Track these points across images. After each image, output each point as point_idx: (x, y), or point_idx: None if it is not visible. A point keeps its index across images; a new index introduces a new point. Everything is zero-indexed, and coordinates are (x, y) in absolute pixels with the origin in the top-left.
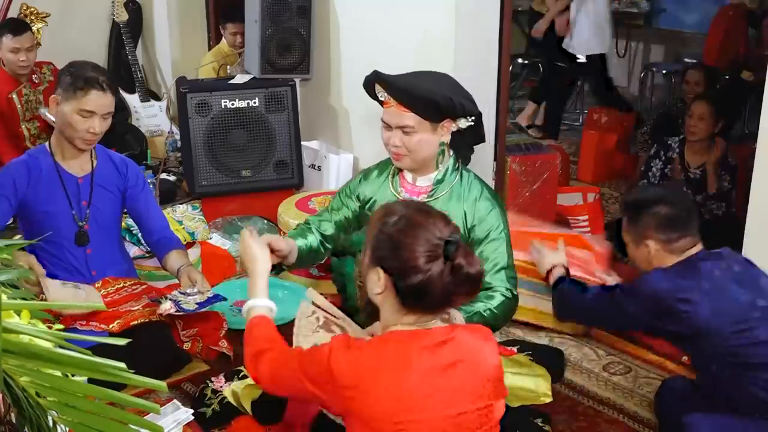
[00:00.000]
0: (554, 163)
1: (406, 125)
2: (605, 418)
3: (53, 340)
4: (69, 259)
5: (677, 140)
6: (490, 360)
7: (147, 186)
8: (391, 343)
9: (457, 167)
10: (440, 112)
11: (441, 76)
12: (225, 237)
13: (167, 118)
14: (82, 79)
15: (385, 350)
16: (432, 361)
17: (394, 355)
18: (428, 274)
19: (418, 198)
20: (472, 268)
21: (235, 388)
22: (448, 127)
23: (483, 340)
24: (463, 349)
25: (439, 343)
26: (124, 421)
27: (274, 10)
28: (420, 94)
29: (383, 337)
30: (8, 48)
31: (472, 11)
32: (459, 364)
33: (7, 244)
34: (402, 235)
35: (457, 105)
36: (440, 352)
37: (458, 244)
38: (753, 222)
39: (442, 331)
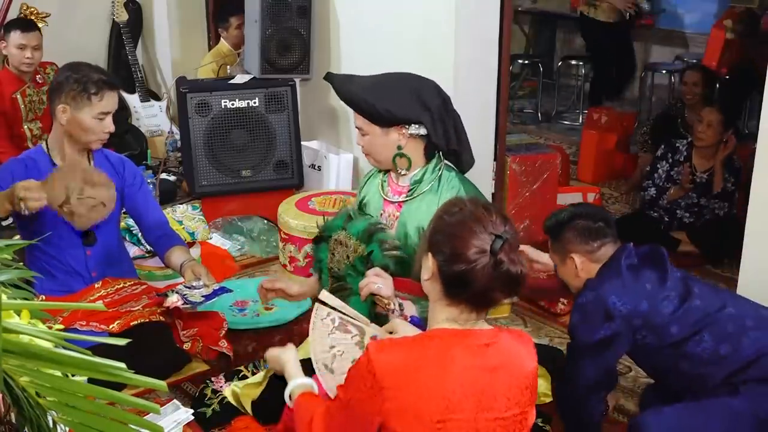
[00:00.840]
0: (554, 163)
1: (359, 126)
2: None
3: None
4: (68, 260)
5: (685, 143)
6: (528, 367)
7: (145, 184)
8: (436, 339)
9: (438, 167)
10: (374, 117)
11: (398, 78)
12: (225, 237)
13: (167, 118)
14: (93, 83)
15: (429, 347)
16: (475, 362)
17: (438, 352)
18: (472, 265)
19: (399, 197)
20: (514, 267)
21: (235, 388)
22: (402, 133)
23: (524, 345)
24: (506, 354)
25: (483, 345)
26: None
27: (274, 10)
28: (348, 98)
29: (428, 334)
30: (15, 44)
31: (472, 11)
32: (501, 369)
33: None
34: (458, 225)
35: (382, 112)
36: (484, 354)
37: (507, 241)
38: (753, 222)
39: (487, 333)
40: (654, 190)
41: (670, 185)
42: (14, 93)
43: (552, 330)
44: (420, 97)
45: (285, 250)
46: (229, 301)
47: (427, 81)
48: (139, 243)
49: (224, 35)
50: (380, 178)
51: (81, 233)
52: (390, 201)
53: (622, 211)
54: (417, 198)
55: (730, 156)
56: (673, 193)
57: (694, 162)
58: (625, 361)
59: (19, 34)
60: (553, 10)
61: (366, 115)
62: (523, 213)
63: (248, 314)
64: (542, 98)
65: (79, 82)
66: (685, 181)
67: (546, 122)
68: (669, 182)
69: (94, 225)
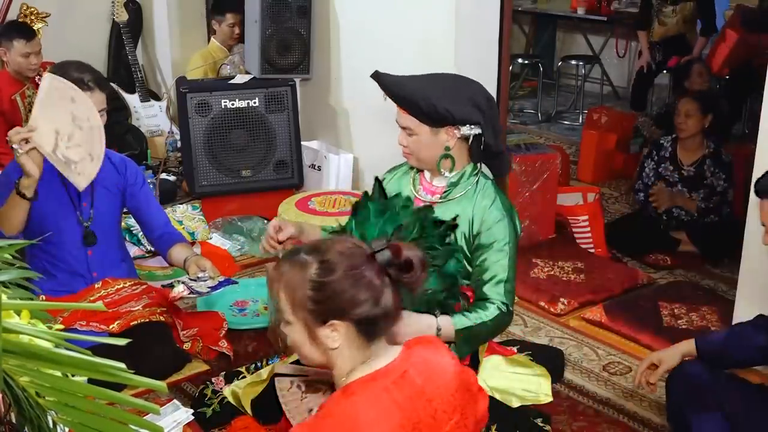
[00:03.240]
0: (554, 163)
1: (406, 126)
2: (605, 418)
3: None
4: (69, 260)
5: (669, 139)
6: (449, 371)
7: (146, 184)
8: (357, 394)
9: (476, 173)
10: (429, 117)
11: (452, 79)
12: (225, 237)
13: (167, 118)
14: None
15: (353, 407)
16: (403, 395)
17: (364, 408)
18: (374, 290)
19: (432, 197)
20: (410, 252)
21: (235, 388)
22: (452, 134)
23: (436, 352)
24: (425, 373)
25: (403, 375)
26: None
27: (274, 10)
28: (405, 96)
29: (346, 393)
30: (20, 53)
31: (472, 11)
32: (426, 388)
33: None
34: (342, 279)
35: (441, 111)
36: (406, 383)
37: (388, 248)
38: (753, 222)
39: (401, 360)
40: (643, 195)
41: (659, 182)
42: (13, 95)
43: (552, 330)
44: (473, 97)
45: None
46: (229, 301)
47: (474, 81)
48: (139, 243)
49: (216, 29)
50: (412, 175)
51: (82, 233)
52: (422, 200)
53: (622, 211)
54: (452, 201)
55: (718, 151)
56: (660, 200)
57: (679, 157)
58: (625, 361)
59: (24, 43)
60: (553, 10)
61: (421, 115)
62: (523, 213)
63: (248, 314)
64: (542, 98)
65: None
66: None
67: (546, 122)
68: (657, 179)
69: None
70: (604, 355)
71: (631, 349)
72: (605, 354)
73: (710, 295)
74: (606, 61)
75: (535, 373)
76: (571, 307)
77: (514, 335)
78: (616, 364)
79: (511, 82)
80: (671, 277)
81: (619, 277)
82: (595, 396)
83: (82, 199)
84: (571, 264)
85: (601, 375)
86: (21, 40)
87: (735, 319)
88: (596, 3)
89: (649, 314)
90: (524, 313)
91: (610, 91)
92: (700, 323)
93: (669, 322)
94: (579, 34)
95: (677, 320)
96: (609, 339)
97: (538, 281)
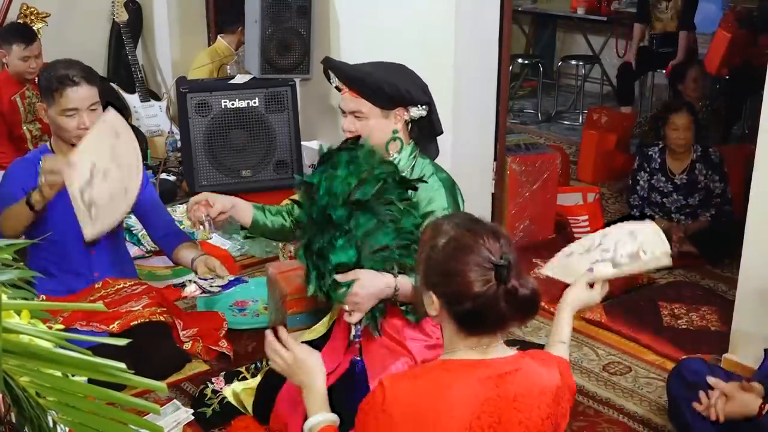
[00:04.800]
0: (554, 163)
1: (358, 110)
2: (605, 418)
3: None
4: (72, 259)
5: (657, 150)
6: (549, 389)
7: (150, 184)
8: (453, 372)
9: (414, 155)
10: (388, 99)
11: (395, 65)
12: (225, 237)
13: (167, 118)
14: (55, 79)
15: (445, 382)
16: (493, 393)
17: (454, 386)
18: (481, 300)
19: None
20: (526, 290)
21: (235, 388)
22: (401, 116)
23: (546, 367)
24: (527, 382)
25: (504, 374)
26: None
27: (274, 10)
28: (366, 80)
29: (445, 365)
30: (19, 56)
31: (472, 11)
32: (520, 398)
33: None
34: (452, 261)
35: (403, 92)
36: (503, 383)
37: (510, 266)
38: (753, 222)
39: (507, 361)
40: (637, 211)
41: (654, 194)
42: (13, 95)
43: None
44: (417, 80)
45: (285, 250)
46: (229, 301)
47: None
48: (139, 243)
49: (228, 38)
50: None
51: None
52: None
53: (621, 211)
54: None
55: (706, 152)
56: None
57: (669, 166)
58: (625, 361)
59: (23, 47)
60: (553, 10)
61: (379, 97)
62: (523, 213)
63: (248, 314)
64: (542, 98)
65: (45, 79)
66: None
67: (546, 122)
68: (652, 191)
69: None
70: (604, 355)
71: (631, 349)
72: (605, 354)
73: (710, 295)
74: (606, 61)
75: None
76: None
77: (514, 335)
78: (616, 364)
79: (511, 82)
80: (671, 277)
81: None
82: (595, 396)
83: None
84: None
85: (601, 375)
86: (20, 45)
87: (735, 319)
88: (596, 3)
89: (649, 314)
90: None
91: (610, 91)
92: (700, 323)
93: (669, 322)
94: (579, 34)
95: (677, 320)
96: (609, 339)
97: (538, 281)
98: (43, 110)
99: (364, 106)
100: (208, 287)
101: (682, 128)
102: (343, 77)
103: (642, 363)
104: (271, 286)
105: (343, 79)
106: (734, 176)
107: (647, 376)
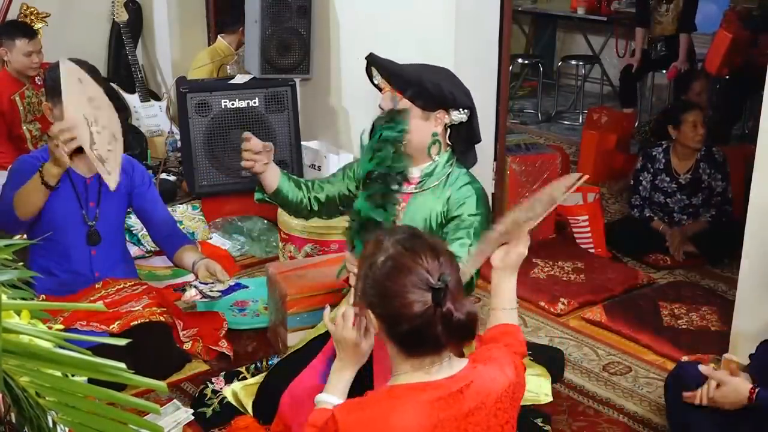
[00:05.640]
0: (554, 163)
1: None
2: (605, 418)
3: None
4: (73, 259)
5: (661, 150)
6: (501, 389)
7: (152, 184)
8: (401, 397)
9: (450, 163)
10: (430, 100)
11: (440, 68)
12: (225, 237)
13: (167, 118)
14: None
15: (394, 406)
16: (447, 413)
17: (405, 410)
18: (418, 322)
19: (407, 188)
20: (461, 314)
21: (235, 388)
22: (441, 118)
23: (500, 369)
24: (482, 393)
25: (454, 393)
26: (124, 421)
27: (274, 10)
28: (411, 79)
29: (392, 391)
30: (23, 51)
31: (472, 11)
32: (476, 410)
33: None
34: (388, 281)
35: (447, 93)
36: (457, 401)
37: (447, 289)
38: (753, 222)
39: (456, 379)
40: (638, 212)
41: (657, 194)
42: (13, 95)
43: (552, 330)
44: (461, 84)
45: (285, 250)
46: (229, 301)
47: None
48: (139, 243)
49: (229, 38)
50: None
51: (87, 232)
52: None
53: (622, 211)
54: (426, 191)
55: (710, 151)
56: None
57: (674, 166)
58: (625, 361)
59: (26, 42)
60: (553, 10)
61: (423, 97)
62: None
63: (248, 314)
64: (542, 98)
65: (52, 79)
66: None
67: (546, 122)
68: (655, 191)
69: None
70: (604, 355)
71: (631, 349)
72: (605, 354)
73: (710, 295)
74: (606, 61)
75: (535, 373)
76: (571, 307)
77: None
78: (616, 364)
79: (511, 82)
80: (671, 277)
81: (619, 277)
82: (595, 396)
83: (89, 198)
84: (571, 264)
85: (601, 375)
86: (23, 39)
87: (735, 319)
88: (596, 3)
89: (649, 314)
90: (524, 313)
91: (610, 91)
92: (700, 323)
93: (669, 322)
94: (579, 34)
95: (677, 320)
96: (609, 339)
97: (538, 281)
98: (49, 110)
99: (404, 105)
100: (208, 291)
101: (699, 125)
102: (386, 74)
103: (642, 363)
104: (271, 286)
105: (386, 76)
106: (734, 176)
107: (647, 376)
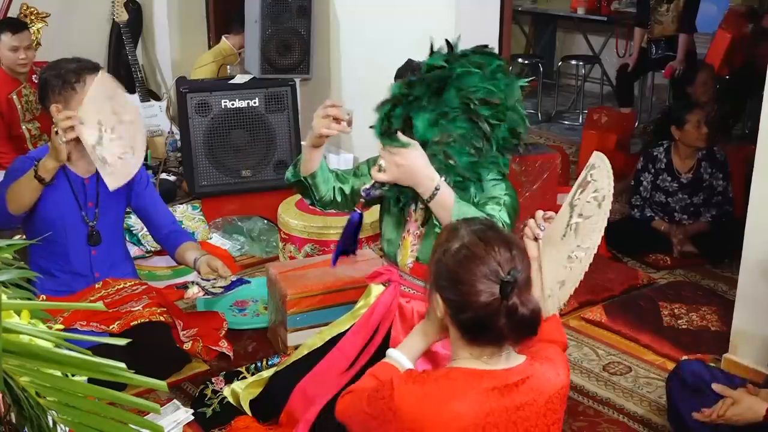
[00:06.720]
0: (554, 163)
1: None
2: (605, 418)
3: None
4: (73, 259)
5: (662, 150)
6: (555, 389)
7: (151, 183)
8: (459, 380)
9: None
10: None
11: None
12: (225, 237)
13: (167, 118)
14: (71, 72)
15: (452, 389)
16: (499, 404)
17: (460, 395)
18: (482, 312)
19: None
20: (526, 309)
21: (235, 387)
22: None
23: (553, 369)
24: (536, 390)
25: (509, 385)
26: (124, 421)
27: (274, 10)
28: None
29: (450, 374)
30: (8, 46)
31: (472, 11)
32: (527, 406)
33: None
34: (460, 268)
35: None
36: (511, 393)
37: (515, 283)
38: (753, 222)
39: (516, 371)
40: (638, 212)
41: (658, 194)
42: (10, 93)
43: None
44: None
45: (285, 250)
46: (230, 301)
47: None
48: (139, 243)
49: (233, 39)
50: None
51: (87, 233)
52: None
53: (622, 211)
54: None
55: (711, 151)
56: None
57: (675, 166)
58: (625, 361)
59: (10, 36)
60: (553, 10)
61: None
62: (523, 213)
63: (248, 314)
64: (542, 98)
65: (59, 77)
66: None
67: (546, 122)
68: (656, 191)
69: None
70: (604, 355)
71: (631, 349)
72: (605, 354)
73: (710, 295)
74: (606, 61)
75: None
76: (571, 307)
77: None
78: (616, 364)
79: None
80: (671, 277)
81: (619, 277)
82: (595, 396)
83: (87, 198)
84: None
85: (601, 375)
86: (7, 33)
87: (735, 319)
88: (596, 3)
89: (649, 314)
90: None
91: (610, 91)
92: (700, 323)
93: (669, 322)
94: (579, 34)
95: (677, 320)
96: (609, 339)
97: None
98: (57, 110)
99: None
100: (210, 288)
101: (703, 125)
102: None
103: (642, 363)
104: (271, 286)
105: None
106: (734, 176)
107: (647, 376)
